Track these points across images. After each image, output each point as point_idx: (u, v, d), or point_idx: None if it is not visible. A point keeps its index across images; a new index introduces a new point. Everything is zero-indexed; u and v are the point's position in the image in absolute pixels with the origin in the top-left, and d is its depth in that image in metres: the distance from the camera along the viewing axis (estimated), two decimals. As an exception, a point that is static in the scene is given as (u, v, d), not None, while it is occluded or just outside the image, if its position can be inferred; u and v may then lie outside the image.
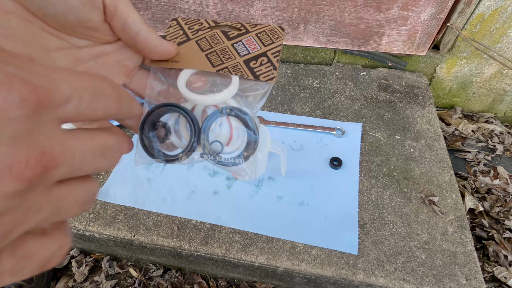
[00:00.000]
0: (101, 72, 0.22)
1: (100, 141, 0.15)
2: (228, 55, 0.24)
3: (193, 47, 0.25)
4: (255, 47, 0.25)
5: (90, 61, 0.22)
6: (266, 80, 0.24)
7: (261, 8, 0.81)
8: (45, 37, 0.19)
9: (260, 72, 0.24)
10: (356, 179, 0.64)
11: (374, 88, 0.84)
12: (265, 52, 0.24)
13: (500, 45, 0.78)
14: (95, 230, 0.59)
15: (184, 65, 0.24)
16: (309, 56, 0.92)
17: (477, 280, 0.51)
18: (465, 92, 0.91)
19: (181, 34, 0.26)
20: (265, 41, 0.25)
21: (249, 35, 0.25)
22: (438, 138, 0.71)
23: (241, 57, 0.24)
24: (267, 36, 0.25)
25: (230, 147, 0.24)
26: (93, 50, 0.22)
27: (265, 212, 0.59)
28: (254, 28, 0.26)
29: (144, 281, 0.73)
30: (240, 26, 0.26)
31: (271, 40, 0.25)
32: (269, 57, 0.24)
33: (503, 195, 0.74)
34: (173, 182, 0.65)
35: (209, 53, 0.25)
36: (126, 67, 0.24)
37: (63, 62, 0.21)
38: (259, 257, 0.54)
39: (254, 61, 0.24)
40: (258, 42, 0.25)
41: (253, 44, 0.25)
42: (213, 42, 0.25)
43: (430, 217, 0.58)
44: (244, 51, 0.25)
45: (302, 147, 0.70)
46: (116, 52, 0.23)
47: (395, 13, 0.76)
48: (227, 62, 0.24)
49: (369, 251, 0.54)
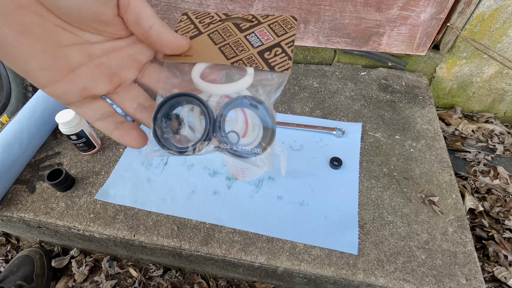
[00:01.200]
0: (113, 67, 0.22)
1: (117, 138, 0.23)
2: (241, 47, 0.24)
3: (205, 41, 0.25)
4: (268, 38, 0.24)
5: (102, 56, 0.22)
6: (282, 70, 0.23)
7: (261, 8, 0.81)
8: (58, 32, 0.19)
9: (275, 62, 0.23)
10: (356, 179, 0.64)
11: (374, 88, 0.84)
12: (279, 43, 0.24)
13: (500, 45, 0.78)
14: (95, 230, 0.59)
15: (197, 59, 0.24)
16: (309, 56, 0.92)
17: (477, 280, 0.51)
18: (465, 92, 0.91)
19: (192, 28, 0.26)
20: (278, 31, 0.25)
21: (262, 26, 0.25)
22: (438, 138, 0.71)
23: (254, 48, 0.24)
24: (280, 27, 0.25)
25: (247, 139, 0.24)
26: (106, 45, 0.22)
27: (265, 212, 0.59)
28: (266, 19, 0.25)
29: (144, 281, 0.73)
30: (252, 17, 0.26)
31: (284, 30, 0.25)
32: (283, 47, 0.24)
33: (503, 195, 0.74)
34: (173, 182, 0.65)
35: (222, 46, 0.24)
36: (139, 62, 0.24)
37: (76, 57, 0.21)
38: (259, 257, 0.54)
39: (268, 52, 0.24)
40: (271, 32, 0.25)
41: (266, 35, 0.25)
42: (226, 34, 0.25)
43: (430, 217, 0.58)
44: (258, 42, 0.24)
45: (302, 147, 0.70)
46: (128, 47, 0.23)
47: (395, 13, 0.76)
48: (241, 54, 0.24)
49: (369, 251, 0.54)
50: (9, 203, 0.63)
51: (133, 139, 0.24)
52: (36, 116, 0.71)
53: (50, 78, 0.20)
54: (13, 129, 0.66)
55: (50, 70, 0.20)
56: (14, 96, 1.00)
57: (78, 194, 0.64)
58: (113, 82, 0.23)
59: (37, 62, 0.19)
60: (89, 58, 0.21)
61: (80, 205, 0.62)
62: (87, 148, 0.69)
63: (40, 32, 0.19)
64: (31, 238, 0.81)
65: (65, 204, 0.62)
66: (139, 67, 0.24)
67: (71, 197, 0.64)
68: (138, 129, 0.24)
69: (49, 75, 0.20)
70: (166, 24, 0.22)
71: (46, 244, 0.81)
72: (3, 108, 1.02)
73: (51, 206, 0.62)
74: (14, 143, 0.65)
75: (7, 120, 1.01)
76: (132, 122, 0.25)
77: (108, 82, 0.22)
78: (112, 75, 0.23)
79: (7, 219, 0.64)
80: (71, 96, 0.22)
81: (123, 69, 0.23)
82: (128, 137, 0.23)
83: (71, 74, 0.21)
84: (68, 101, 0.22)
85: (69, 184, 0.64)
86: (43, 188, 0.66)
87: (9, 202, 0.63)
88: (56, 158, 0.71)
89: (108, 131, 0.24)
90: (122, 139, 0.23)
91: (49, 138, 0.75)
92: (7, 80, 0.98)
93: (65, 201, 0.63)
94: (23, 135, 0.67)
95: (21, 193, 0.65)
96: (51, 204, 0.63)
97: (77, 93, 0.22)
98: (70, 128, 0.63)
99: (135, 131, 0.24)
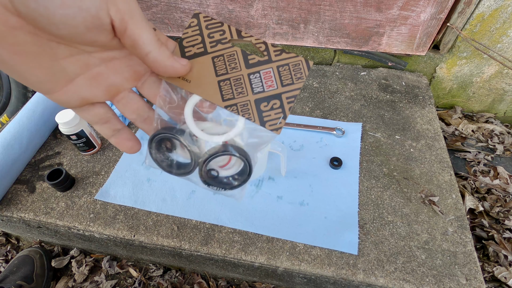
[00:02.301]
0: (110, 77, 0.22)
1: None
2: (241, 88, 0.23)
3: (207, 67, 0.23)
4: (271, 84, 0.23)
5: (100, 65, 0.22)
6: (272, 129, 0.22)
7: (261, 8, 0.81)
8: (53, 47, 0.19)
9: (269, 118, 0.22)
10: (356, 179, 0.64)
11: (374, 88, 0.84)
12: (280, 94, 0.23)
13: (500, 45, 0.78)
14: (95, 230, 0.59)
15: (194, 88, 0.23)
16: (309, 56, 0.92)
17: (477, 280, 0.51)
18: (465, 92, 0.91)
19: (198, 42, 0.24)
20: (285, 79, 0.23)
21: (270, 66, 0.23)
22: (438, 138, 0.71)
23: (253, 94, 0.23)
24: (289, 73, 0.23)
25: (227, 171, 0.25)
26: (104, 55, 0.21)
27: (265, 212, 0.59)
28: (278, 56, 0.23)
29: (144, 281, 0.73)
30: (264, 49, 0.23)
31: (291, 80, 0.23)
32: (283, 102, 0.23)
33: (503, 195, 0.74)
34: (173, 182, 0.65)
35: (222, 80, 0.23)
36: (137, 72, 0.23)
37: (73, 68, 0.20)
38: (259, 257, 0.54)
39: (266, 103, 0.23)
40: (277, 78, 0.23)
41: (270, 79, 0.23)
42: (230, 66, 0.23)
43: (430, 217, 0.58)
44: (259, 87, 0.23)
45: (302, 147, 0.70)
46: (126, 57, 0.22)
47: (395, 13, 0.76)
48: (238, 98, 0.23)
49: (369, 251, 0.54)
50: (9, 203, 0.63)
51: (128, 148, 0.25)
52: (36, 116, 0.71)
53: (49, 89, 0.20)
54: (13, 129, 0.66)
55: (48, 83, 0.20)
56: (14, 96, 1.00)
57: (78, 194, 0.64)
58: (111, 92, 0.23)
59: (34, 77, 0.19)
60: (86, 68, 0.21)
61: (80, 205, 0.62)
62: (87, 148, 0.69)
63: (35, 50, 0.19)
64: (31, 238, 0.81)
65: (65, 204, 0.62)
66: (137, 78, 0.24)
67: (71, 197, 0.64)
68: (133, 139, 0.25)
69: (48, 86, 0.20)
70: (165, 49, 0.21)
71: (46, 244, 0.81)
72: (3, 108, 1.02)
73: (51, 206, 0.62)
74: (14, 143, 0.65)
75: (7, 120, 1.01)
76: (129, 131, 0.25)
77: (106, 92, 0.22)
78: (110, 85, 0.22)
79: (7, 219, 0.64)
80: (72, 103, 0.22)
81: (121, 78, 0.23)
82: (123, 146, 0.25)
83: (70, 85, 0.21)
84: (69, 106, 0.22)
85: (69, 184, 0.64)
86: (43, 188, 0.66)
87: (9, 202, 0.63)
88: (56, 158, 0.71)
89: (106, 136, 0.24)
90: (117, 145, 0.25)
91: (49, 138, 0.75)
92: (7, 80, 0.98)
93: (65, 201, 0.63)
94: (23, 135, 0.67)
95: (21, 193, 0.65)
96: (51, 204, 0.63)
97: (77, 102, 0.22)
98: (70, 128, 0.63)
99: (130, 142, 0.25)
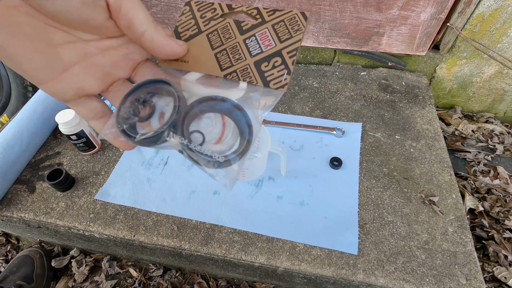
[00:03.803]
0: (107, 66, 0.22)
1: None
2: (238, 54, 0.22)
3: (203, 44, 0.23)
4: (269, 43, 0.22)
5: (97, 55, 0.22)
6: (277, 87, 0.21)
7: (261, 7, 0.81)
8: (51, 31, 0.19)
9: (272, 77, 0.21)
10: (356, 179, 0.64)
11: (374, 88, 0.84)
12: (280, 51, 0.22)
13: (500, 45, 0.78)
14: (95, 230, 0.59)
15: (193, 66, 0.23)
16: (309, 56, 0.92)
17: (477, 280, 0.51)
18: (465, 92, 0.91)
19: (192, 25, 0.24)
20: (282, 35, 0.22)
21: (265, 27, 0.22)
22: (438, 138, 0.71)
23: (252, 57, 0.22)
24: (285, 28, 0.22)
25: (219, 146, 0.22)
26: (100, 43, 0.21)
27: (265, 212, 0.59)
28: (271, 15, 0.23)
29: (144, 281, 0.73)
30: (256, 13, 0.23)
31: (289, 34, 0.22)
32: (284, 58, 0.22)
33: (503, 195, 0.74)
34: (173, 182, 0.65)
35: (218, 51, 0.23)
36: (133, 61, 0.23)
37: (70, 56, 0.20)
38: (259, 257, 0.54)
39: (266, 62, 0.22)
40: (274, 36, 0.22)
41: (267, 39, 0.22)
42: (225, 36, 0.23)
43: (430, 217, 0.58)
44: (257, 49, 0.22)
45: (302, 147, 0.70)
46: (123, 46, 0.23)
47: (395, 13, 0.76)
48: (237, 64, 0.22)
49: (369, 251, 0.54)
50: (9, 203, 0.63)
51: (121, 145, 0.24)
52: (36, 116, 0.71)
53: (45, 77, 0.20)
54: (13, 129, 0.66)
55: (44, 70, 0.20)
56: (14, 96, 1.00)
57: (78, 194, 0.64)
58: (106, 81, 0.23)
59: (31, 63, 0.19)
60: (83, 56, 0.21)
61: (80, 205, 0.62)
62: (87, 148, 0.69)
63: (32, 32, 0.19)
64: (31, 238, 0.81)
65: (65, 204, 0.62)
66: (133, 66, 0.24)
67: (71, 197, 0.64)
68: None
69: (44, 74, 0.20)
70: (161, 29, 0.21)
71: (46, 244, 0.81)
72: (3, 108, 1.02)
73: (51, 206, 0.62)
74: (14, 143, 0.65)
75: (7, 120, 1.01)
76: None
77: (101, 82, 0.22)
78: (105, 74, 0.22)
79: (7, 219, 0.64)
80: (67, 94, 0.22)
81: (117, 68, 0.23)
82: (117, 141, 0.24)
83: (65, 73, 0.21)
84: (64, 98, 0.22)
85: (69, 184, 0.64)
86: (43, 188, 0.66)
87: (9, 202, 0.63)
88: (56, 158, 0.71)
89: (100, 131, 0.24)
90: (111, 141, 0.24)
91: (49, 138, 0.75)
92: (7, 80, 0.98)
93: (65, 201, 0.63)
94: (23, 135, 0.67)
95: (21, 193, 0.65)
96: (51, 204, 0.63)
97: (72, 92, 0.22)
98: (70, 128, 0.63)
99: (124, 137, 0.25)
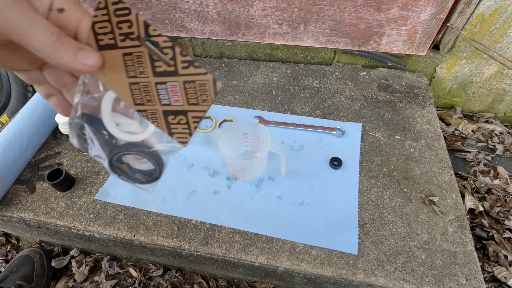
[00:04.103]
0: None
1: None
2: (149, 96, 0.22)
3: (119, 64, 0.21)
4: (178, 100, 0.22)
5: None
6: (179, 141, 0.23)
7: (261, 8, 0.81)
8: None
9: (176, 131, 0.23)
10: (356, 179, 0.64)
11: (374, 88, 0.84)
12: (186, 112, 0.22)
13: (500, 45, 0.78)
14: (95, 230, 0.59)
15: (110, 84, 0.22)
16: (309, 56, 0.92)
17: (477, 280, 0.51)
18: (465, 92, 0.91)
19: (109, 32, 0.21)
20: (191, 97, 0.21)
21: (176, 80, 0.21)
22: (438, 138, 0.71)
23: (161, 105, 0.22)
24: (194, 92, 0.21)
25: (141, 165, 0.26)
26: None
27: (265, 212, 0.59)
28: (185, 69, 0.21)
29: (144, 281, 0.73)
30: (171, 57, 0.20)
31: (196, 100, 0.21)
32: (188, 120, 0.22)
33: (503, 195, 0.74)
34: (173, 182, 0.65)
35: (133, 83, 0.22)
36: None
37: None
38: (259, 257, 0.54)
39: (173, 116, 0.22)
40: (183, 95, 0.21)
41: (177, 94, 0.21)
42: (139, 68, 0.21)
43: (430, 217, 0.58)
44: (166, 99, 0.22)
45: (302, 147, 0.70)
46: None
47: (395, 13, 0.76)
48: (147, 105, 0.22)
49: (369, 251, 0.54)
50: (9, 203, 0.63)
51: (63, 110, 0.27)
52: (36, 116, 0.71)
53: None
54: (13, 129, 0.66)
55: None
56: (14, 96, 1.00)
57: (78, 194, 0.64)
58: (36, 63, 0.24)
59: None
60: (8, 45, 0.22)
61: (80, 205, 0.62)
62: (87, 148, 0.69)
63: None
64: (31, 238, 0.81)
65: (65, 204, 0.62)
66: None
67: (71, 197, 0.64)
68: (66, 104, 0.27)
69: None
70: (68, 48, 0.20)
71: (46, 244, 0.81)
72: (3, 108, 1.02)
73: (51, 206, 0.62)
74: (14, 143, 0.65)
75: (7, 120, 1.01)
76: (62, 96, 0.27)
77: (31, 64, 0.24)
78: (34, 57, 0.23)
79: (7, 219, 0.64)
80: None
81: None
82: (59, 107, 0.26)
83: None
84: None
85: (69, 184, 0.64)
86: (43, 188, 0.66)
87: (9, 202, 0.63)
88: (56, 158, 0.71)
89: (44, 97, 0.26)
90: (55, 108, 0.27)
91: (49, 138, 0.75)
92: (7, 80, 0.98)
93: (65, 201, 0.63)
94: (23, 135, 0.67)
95: (21, 193, 0.65)
96: (51, 204, 0.63)
97: None
98: (70, 128, 0.63)
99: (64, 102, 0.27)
